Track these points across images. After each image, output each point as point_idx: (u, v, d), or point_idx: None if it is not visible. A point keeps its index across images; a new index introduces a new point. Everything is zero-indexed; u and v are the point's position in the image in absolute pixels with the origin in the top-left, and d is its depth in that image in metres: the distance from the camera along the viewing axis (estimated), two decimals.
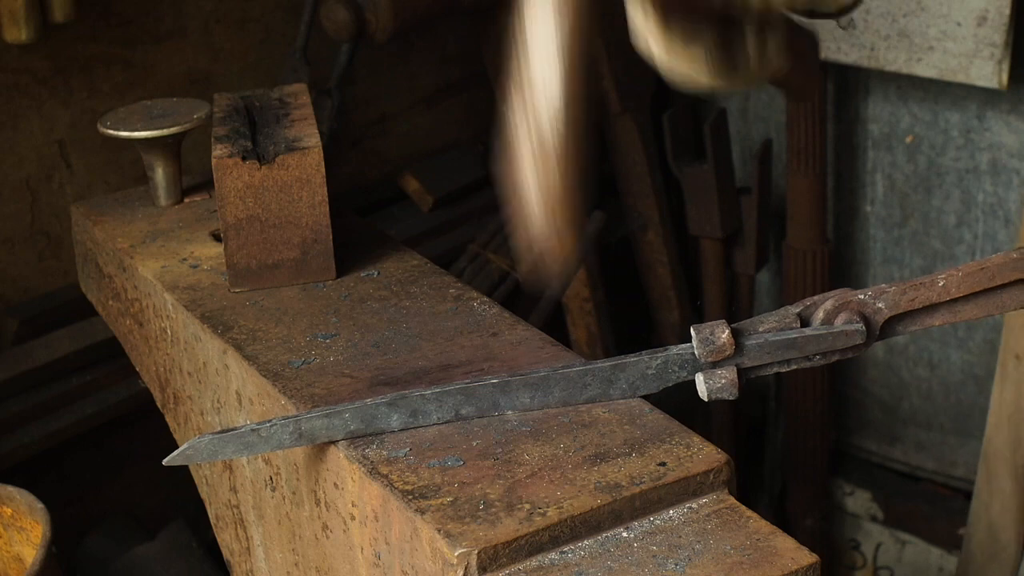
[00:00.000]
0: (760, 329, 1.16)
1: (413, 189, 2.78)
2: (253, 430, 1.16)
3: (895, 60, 2.57)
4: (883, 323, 1.15)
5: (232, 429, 1.17)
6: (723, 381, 1.15)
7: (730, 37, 1.24)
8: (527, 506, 1.06)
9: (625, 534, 1.07)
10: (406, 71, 2.75)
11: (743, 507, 1.10)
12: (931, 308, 1.16)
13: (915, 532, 3.00)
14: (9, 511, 1.86)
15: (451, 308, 1.40)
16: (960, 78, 2.51)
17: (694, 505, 1.10)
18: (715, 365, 1.15)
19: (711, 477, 1.11)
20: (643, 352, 1.19)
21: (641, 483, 1.09)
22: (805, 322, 1.17)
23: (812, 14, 1.38)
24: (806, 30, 1.41)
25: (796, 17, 1.40)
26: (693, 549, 1.04)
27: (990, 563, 2.28)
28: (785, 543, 1.04)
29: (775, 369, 1.17)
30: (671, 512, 1.09)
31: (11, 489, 1.85)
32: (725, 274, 2.93)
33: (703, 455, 1.13)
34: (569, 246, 1.10)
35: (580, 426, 1.17)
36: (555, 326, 2.73)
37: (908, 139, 2.82)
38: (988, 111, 2.70)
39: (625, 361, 1.18)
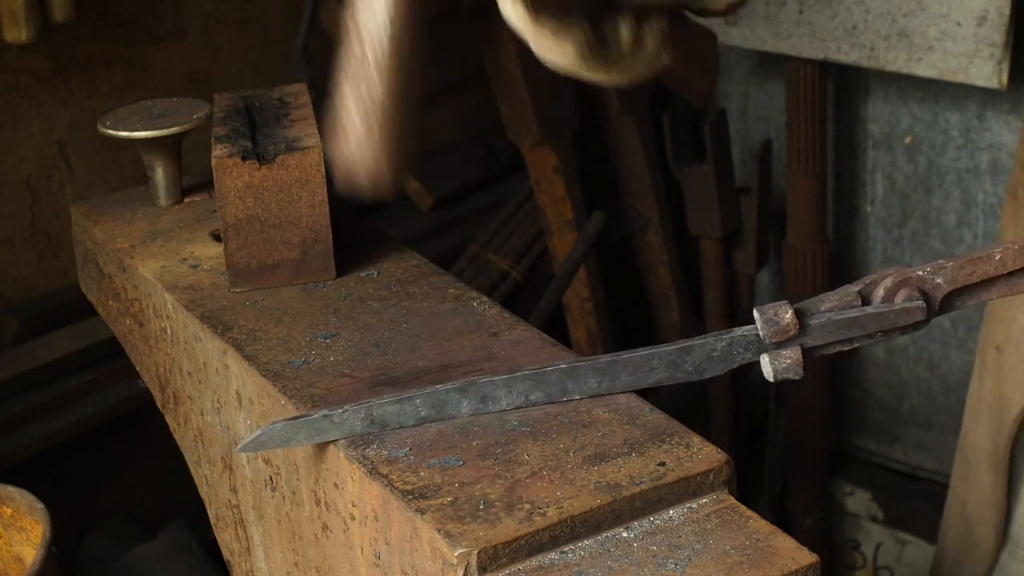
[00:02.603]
0: (822, 308, 1.17)
1: (413, 189, 2.78)
2: (325, 416, 1.17)
3: (895, 60, 2.57)
4: (942, 298, 1.16)
5: (304, 416, 1.18)
6: (788, 361, 1.16)
7: (607, 29, 1.23)
8: (527, 506, 1.06)
9: (625, 534, 1.07)
10: None
11: (743, 507, 1.10)
12: (988, 282, 1.17)
13: (915, 532, 3.00)
14: (9, 511, 1.86)
15: (451, 308, 1.40)
16: (960, 78, 2.51)
17: (694, 505, 1.10)
18: (779, 346, 1.16)
19: (711, 477, 1.11)
20: (708, 335, 1.20)
21: (641, 483, 1.09)
22: (866, 300, 1.18)
23: (702, 12, 1.37)
24: (705, 29, 1.39)
25: (692, 16, 1.38)
26: (693, 549, 1.04)
27: (964, 558, 2.28)
28: (785, 543, 1.04)
29: (838, 348, 1.18)
30: (671, 512, 1.09)
31: (11, 489, 1.85)
32: (725, 274, 2.93)
33: (703, 455, 1.13)
34: (390, 156, 1.08)
35: (580, 426, 1.17)
36: (555, 326, 2.72)
37: (908, 139, 2.82)
38: (988, 111, 2.70)
39: (691, 344, 1.20)
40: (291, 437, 1.18)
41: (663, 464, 1.12)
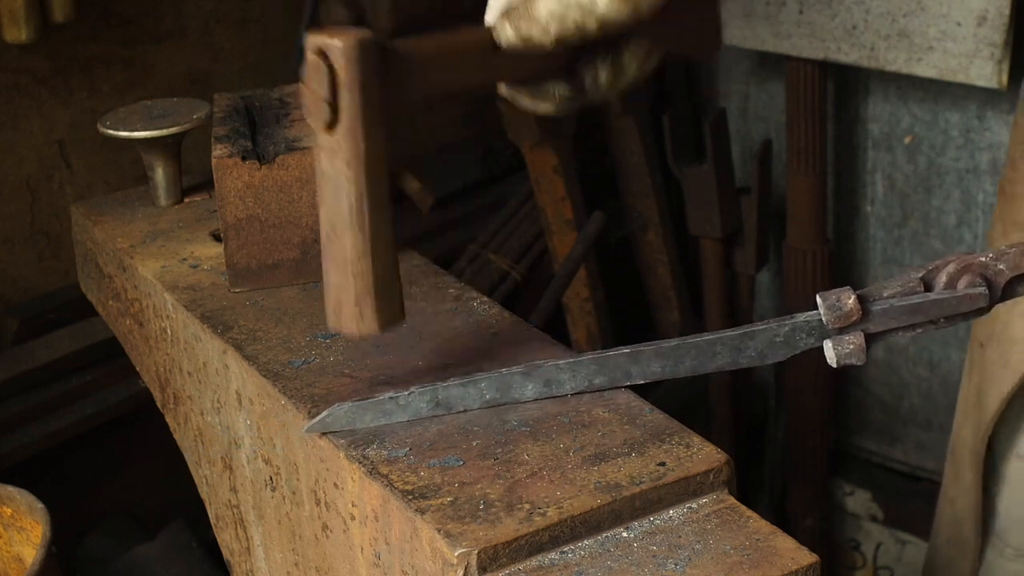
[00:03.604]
0: (884, 295, 1.18)
1: (413, 189, 2.77)
2: (392, 398, 1.18)
3: (895, 60, 2.57)
4: (1004, 284, 1.17)
5: (370, 398, 1.18)
6: (851, 347, 1.16)
7: (585, 73, 1.26)
8: (527, 506, 1.07)
9: (625, 534, 1.07)
10: None
11: (743, 507, 1.10)
12: None
13: (915, 532, 3.00)
14: (9, 511, 1.86)
15: (451, 308, 1.40)
16: (960, 78, 2.51)
17: (694, 505, 1.10)
18: (842, 331, 1.16)
19: (711, 477, 1.11)
20: (771, 320, 1.20)
21: (641, 483, 1.09)
22: (928, 286, 1.18)
23: None
24: None
25: None
26: (693, 549, 1.04)
27: (956, 558, 2.28)
28: (785, 543, 1.04)
29: (901, 333, 1.18)
30: (671, 512, 1.09)
31: (11, 489, 1.85)
32: (725, 274, 2.93)
33: (703, 455, 1.13)
34: (372, 302, 1.15)
35: (580, 426, 1.17)
36: (555, 326, 2.72)
37: (907, 139, 2.82)
38: (988, 111, 2.70)
39: (754, 329, 1.20)
40: (357, 418, 1.18)
41: (663, 464, 1.12)
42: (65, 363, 2.29)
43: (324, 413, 1.18)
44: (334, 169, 1.13)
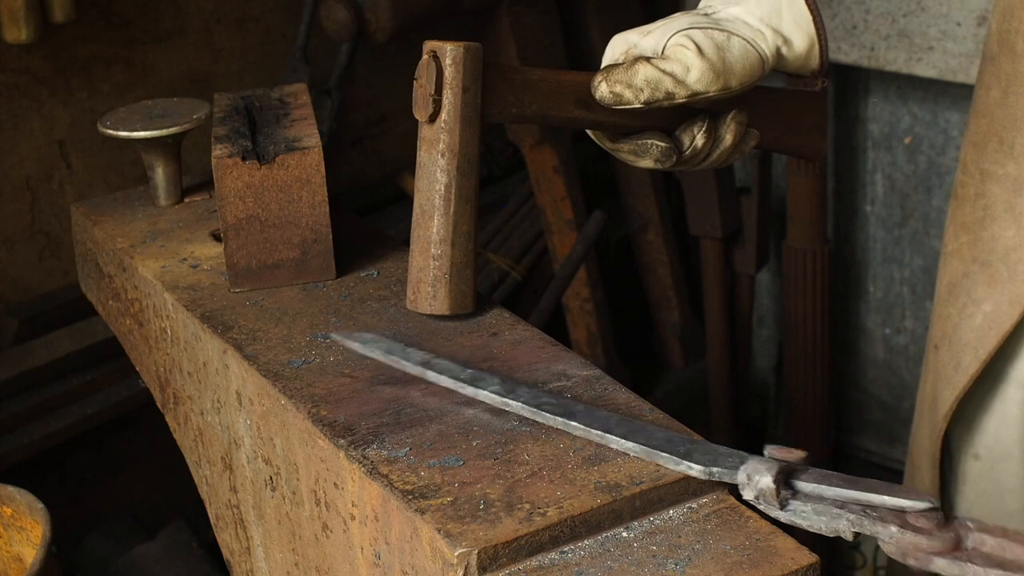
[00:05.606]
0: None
1: (413, 189, 2.77)
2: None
3: (895, 60, 2.57)
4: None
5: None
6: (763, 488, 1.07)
7: (684, 137, 1.36)
8: (527, 506, 1.07)
9: (625, 534, 1.07)
10: (406, 71, 2.74)
11: (743, 507, 1.10)
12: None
13: None
14: (9, 511, 1.86)
15: None
16: (960, 78, 2.51)
17: (694, 505, 1.10)
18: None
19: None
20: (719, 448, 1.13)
21: (641, 483, 1.09)
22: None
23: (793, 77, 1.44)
24: (809, 91, 1.43)
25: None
26: (693, 549, 1.04)
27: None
28: (785, 543, 1.04)
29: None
30: (671, 512, 1.09)
31: (11, 489, 1.85)
32: (725, 274, 2.93)
33: None
34: (450, 289, 1.32)
35: None
36: (555, 326, 2.73)
37: (907, 140, 2.82)
38: None
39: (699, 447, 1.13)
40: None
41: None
42: (65, 363, 2.29)
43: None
44: (430, 159, 1.30)
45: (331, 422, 1.20)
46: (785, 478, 1.06)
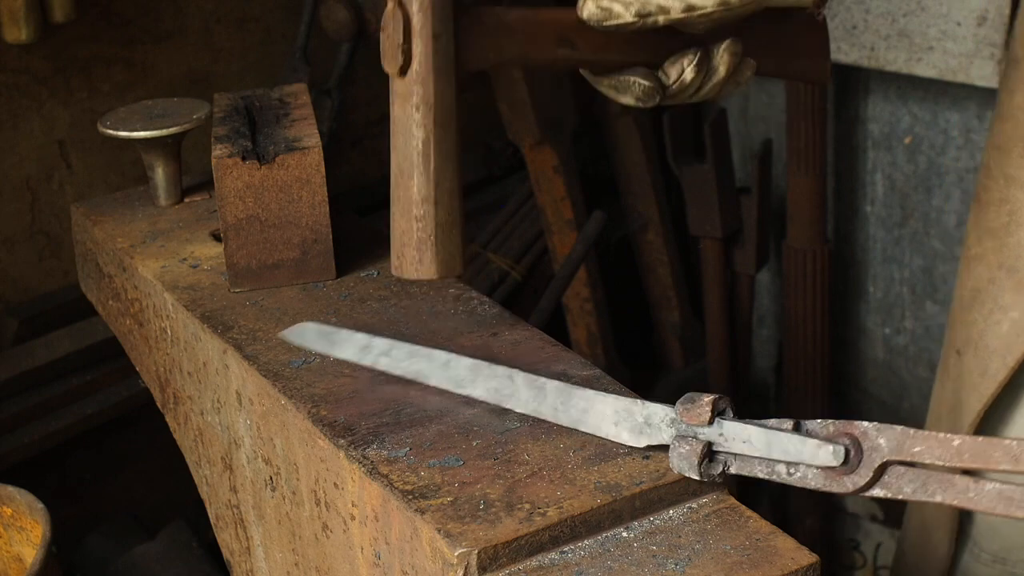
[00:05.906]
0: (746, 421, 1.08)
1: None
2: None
3: (895, 60, 2.57)
4: (879, 464, 1.01)
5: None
6: (686, 450, 1.08)
7: (671, 69, 1.25)
8: (527, 506, 1.07)
9: (625, 534, 1.07)
10: None
11: (743, 507, 1.10)
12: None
13: None
14: (9, 511, 1.86)
15: (451, 308, 1.40)
16: (960, 78, 2.51)
17: (694, 505, 1.10)
18: (686, 438, 1.09)
19: None
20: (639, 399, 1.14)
21: (641, 483, 1.09)
22: (797, 430, 1.08)
23: (790, 10, 1.32)
24: (812, 21, 1.33)
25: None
26: (693, 549, 1.04)
27: (921, 563, 2.27)
28: (785, 543, 1.04)
29: (748, 470, 1.08)
30: (671, 512, 1.09)
31: (11, 489, 1.85)
32: (725, 274, 2.93)
33: None
34: (433, 250, 1.20)
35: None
36: (555, 326, 2.73)
37: (907, 140, 2.82)
38: (988, 111, 2.70)
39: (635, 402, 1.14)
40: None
41: (663, 463, 1.11)
42: (65, 363, 2.29)
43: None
44: (405, 114, 1.19)
45: (331, 422, 1.20)
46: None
